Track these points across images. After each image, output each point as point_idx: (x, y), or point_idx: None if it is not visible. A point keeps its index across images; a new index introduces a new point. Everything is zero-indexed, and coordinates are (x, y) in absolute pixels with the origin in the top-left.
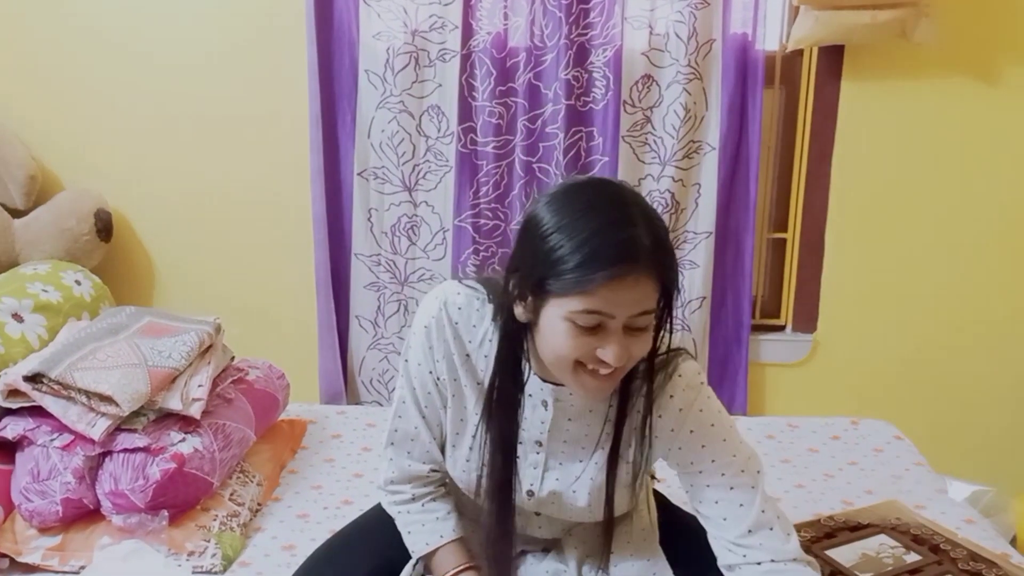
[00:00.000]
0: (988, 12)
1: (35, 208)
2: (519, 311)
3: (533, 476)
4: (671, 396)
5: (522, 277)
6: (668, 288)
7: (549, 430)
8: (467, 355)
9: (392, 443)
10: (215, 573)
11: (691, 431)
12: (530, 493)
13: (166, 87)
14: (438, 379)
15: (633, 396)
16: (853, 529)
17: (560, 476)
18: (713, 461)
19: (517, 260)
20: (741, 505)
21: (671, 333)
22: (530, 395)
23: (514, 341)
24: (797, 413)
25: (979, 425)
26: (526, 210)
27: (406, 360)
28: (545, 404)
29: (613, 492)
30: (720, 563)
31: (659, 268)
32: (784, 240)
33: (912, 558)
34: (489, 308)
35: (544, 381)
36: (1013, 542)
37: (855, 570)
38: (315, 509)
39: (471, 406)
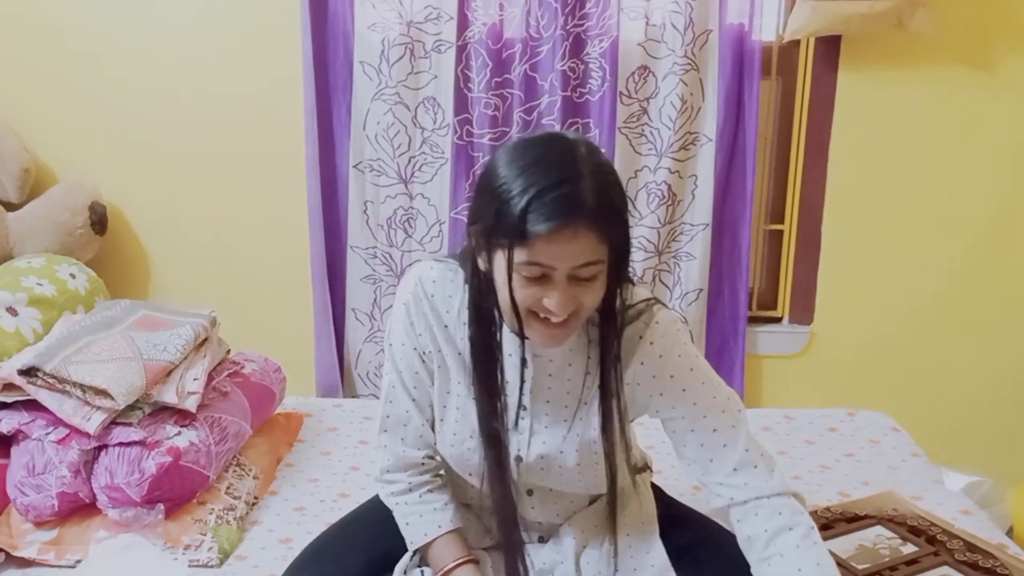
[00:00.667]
0: (984, 2)
1: (29, 201)
2: (481, 263)
3: (520, 441)
4: (651, 343)
5: (477, 229)
6: (615, 242)
7: (531, 390)
8: (446, 326)
9: (385, 430)
10: (211, 567)
11: (671, 376)
12: (518, 459)
13: (160, 80)
14: (423, 354)
15: (611, 346)
16: (850, 520)
17: (547, 439)
18: (695, 404)
19: (474, 212)
20: (724, 445)
21: (630, 284)
22: (509, 355)
23: (483, 295)
24: (794, 405)
25: (975, 416)
26: (484, 162)
27: (390, 344)
28: (524, 362)
29: (613, 446)
30: (709, 508)
31: (602, 223)
32: (781, 232)
33: (909, 549)
34: (462, 276)
35: (521, 338)
36: (1009, 532)
37: (852, 561)
38: (312, 502)
39: (454, 376)
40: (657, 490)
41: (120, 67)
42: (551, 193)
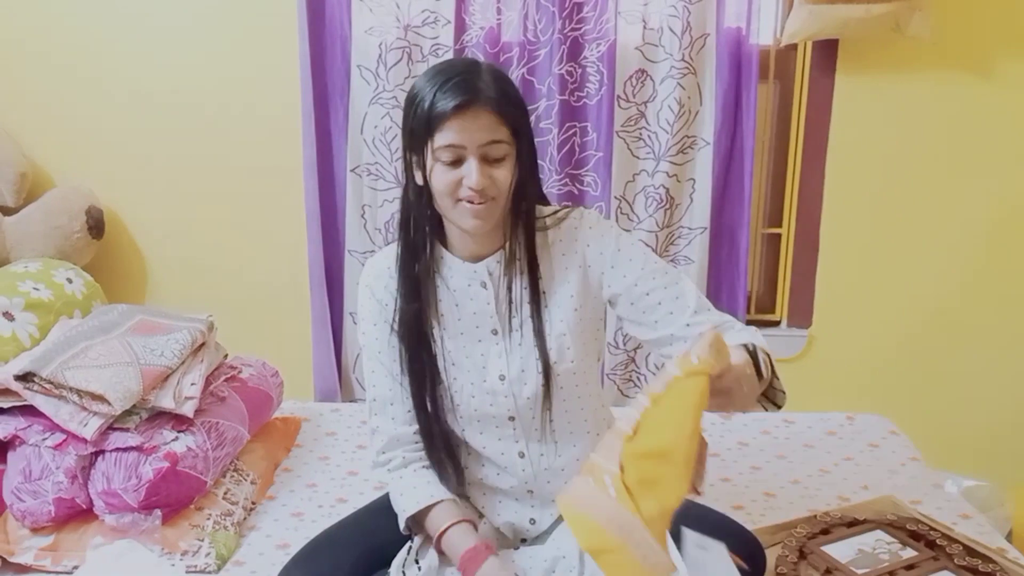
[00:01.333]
0: (981, 6)
1: (26, 206)
2: (417, 176)
3: (499, 363)
4: (589, 227)
5: (405, 137)
6: (515, 126)
7: (496, 311)
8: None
9: (375, 413)
10: (209, 572)
11: (618, 249)
12: (502, 377)
13: (157, 84)
14: (393, 323)
15: (531, 238)
16: (849, 525)
17: (524, 355)
18: (643, 268)
19: (403, 126)
20: (678, 298)
21: (535, 169)
22: (468, 285)
23: (419, 207)
24: (792, 408)
25: (975, 420)
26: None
27: (363, 332)
28: (484, 284)
29: (544, 338)
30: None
31: (500, 106)
32: (779, 235)
33: (908, 553)
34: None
35: (472, 263)
36: (1009, 536)
37: (851, 566)
38: (310, 507)
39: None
40: None
41: (117, 72)
42: (452, 80)
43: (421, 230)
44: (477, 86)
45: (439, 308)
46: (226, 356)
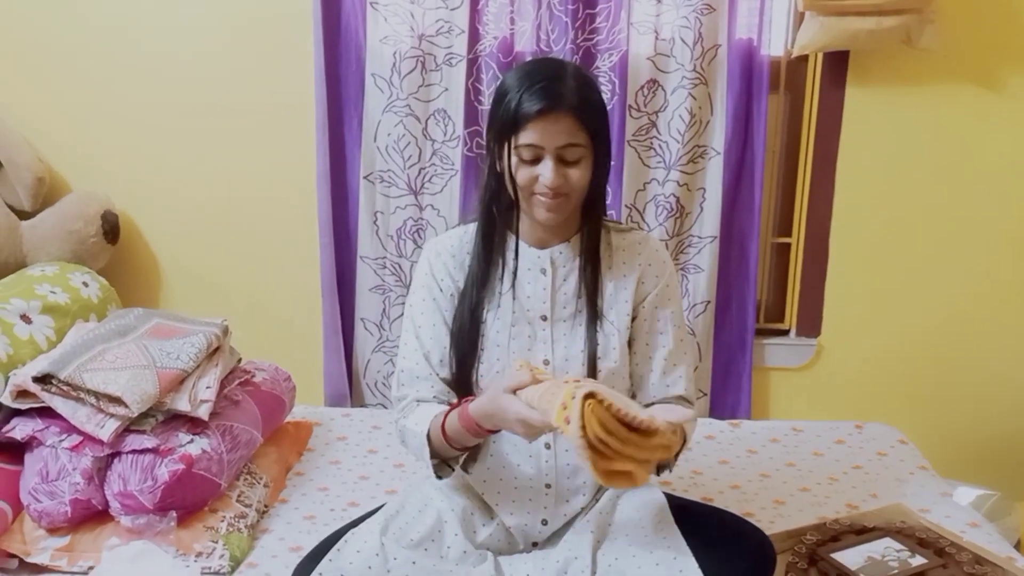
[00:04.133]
0: (992, 19)
1: (42, 210)
2: (497, 165)
3: (545, 348)
4: (655, 250)
5: (490, 133)
6: (594, 131)
7: (551, 296)
8: (469, 266)
9: (402, 384)
10: (223, 574)
11: (667, 285)
12: (546, 362)
13: (173, 90)
14: (450, 296)
15: (596, 240)
16: (858, 532)
17: (568, 344)
18: (672, 314)
19: (489, 118)
20: (674, 362)
21: (608, 171)
22: (528, 269)
23: (496, 193)
24: (801, 417)
25: (983, 429)
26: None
27: (410, 304)
28: (544, 271)
29: (595, 334)
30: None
31: (580, 112)
32: (788, 245)
33: (917, 561)
34: (473, 229)
35: (538, 249)
36: (1018, 546)
37: (861, 573)
38: (322, 511)
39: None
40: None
41: (134, 78)
42: (538, 85)
43: (497, 213)
44: (561, 91)
45: (495, 289)
46: (240, 360)
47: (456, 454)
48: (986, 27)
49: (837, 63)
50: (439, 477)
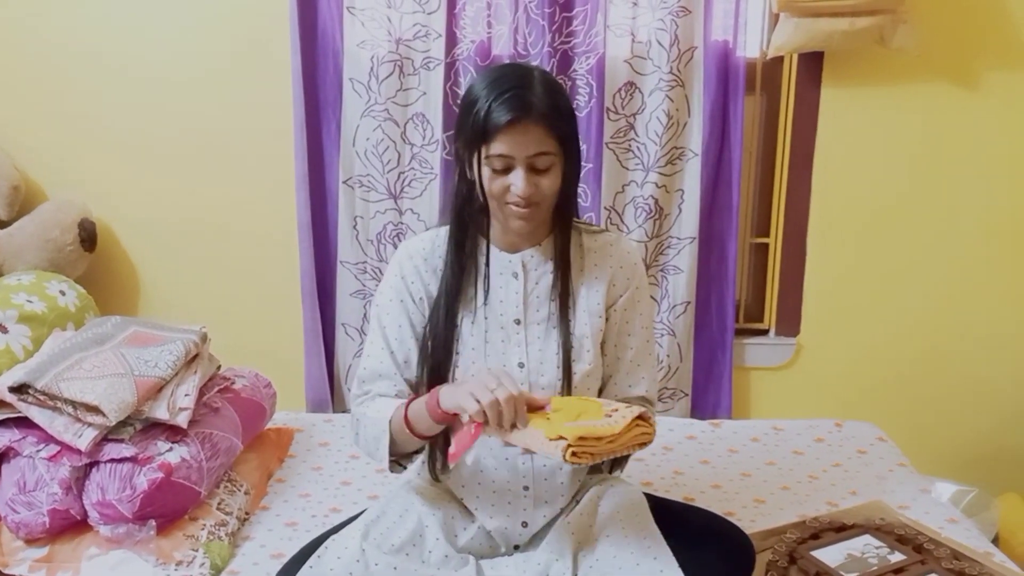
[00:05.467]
0: (966, 18)
1: (18, 218)
2: (468, 173)
3: (519, 352)
4: (627, 252)
5: (459, 141)
6: (563, 138)
7: (524, 300)
8: (438, 270)
9: (363, 381)
10: None
11: (637, 287)
12: (520, 365)
13: (149, 96)
14: (416, 300)
15: (567, 242)
16: (838, 530)
17: (543, 347)
18: (640, 316)
19: (457, 126)
20: (640, 367)
21: (579, 174)
22: (500, 273)
23: (467, 200)
24: (781, 416)
25: (961, 426)
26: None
27: (377, 304)
28: (516, 275)
29: (569, 337)
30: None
31: (549, 120)
32: (766, 245)
33: (896, 558)
34: (445, 232)
35: (509, 253)
36: (996, 541)
37: (840, 570)
38: (303, 517)
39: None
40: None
41: (110, 85)
42: (506, 95)
43: (468, 219)
44: (529, 100)
45: (468, 294)
46: (219, 367)
47: (414, 443)
48: (959, 26)
49: (812, 64)
50: (392, 471)
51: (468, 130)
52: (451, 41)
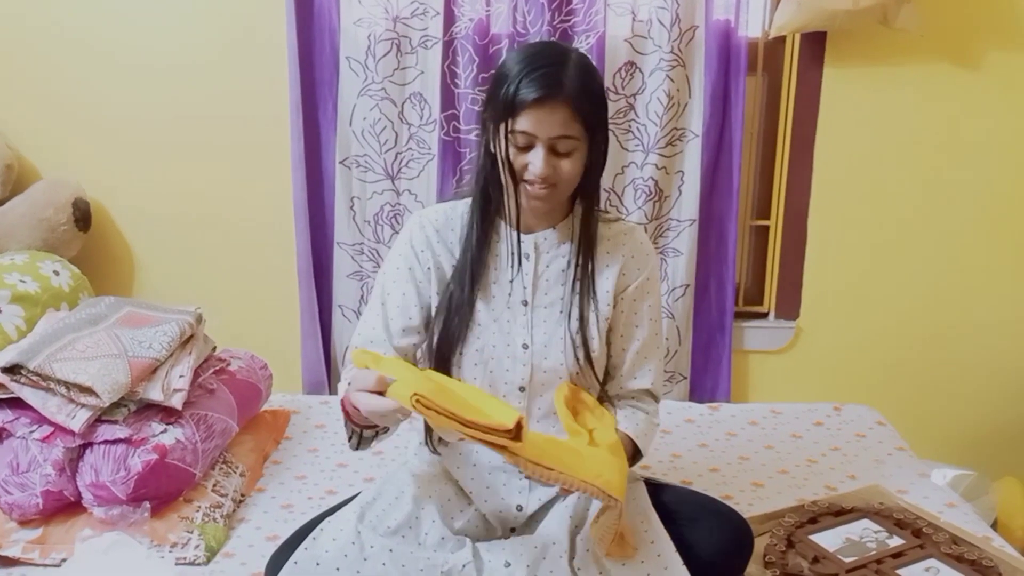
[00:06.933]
0: None
1: (11, 198)
2: (491, 145)
3: (524, 333)
4: (640, 242)
5: (486, 113)
6: (589, 124)
7: (533, 282)
8: (450, 243)
9: (356, 346)
10: (198, 564)
11: (648, 278)
12: (525, 346)
13: (143, 76)
14: (426, 270)
15: (588, 227)
16: (837, 514)
17: (547, 330)
18: (649, 307)
19: (486, 96)
20: (647, 358)
21: (604, 161)
22: (511, 253)
23: (489, 173)
24: (780, 399)
25: (961, 410)
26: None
27: (384, 272)
28: (527, 256)
29: (587, 325)
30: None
31: (577, 103)
32: (767, 227)
33: (895, 542)
34: (461, 207)
35: (524, 233)
36: (994, 525)
37: (839, 554)
38: (299, 499)
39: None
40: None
41: (105, 67)
42: (538, 72)
43: (491, 192)
44: (561, 80)
45: (483, 271)
46: (215, 349)
47: (360, 423)
48: (962, 6)
49: (814, 43)
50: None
51: (496, 103)
52: (449, 19)
